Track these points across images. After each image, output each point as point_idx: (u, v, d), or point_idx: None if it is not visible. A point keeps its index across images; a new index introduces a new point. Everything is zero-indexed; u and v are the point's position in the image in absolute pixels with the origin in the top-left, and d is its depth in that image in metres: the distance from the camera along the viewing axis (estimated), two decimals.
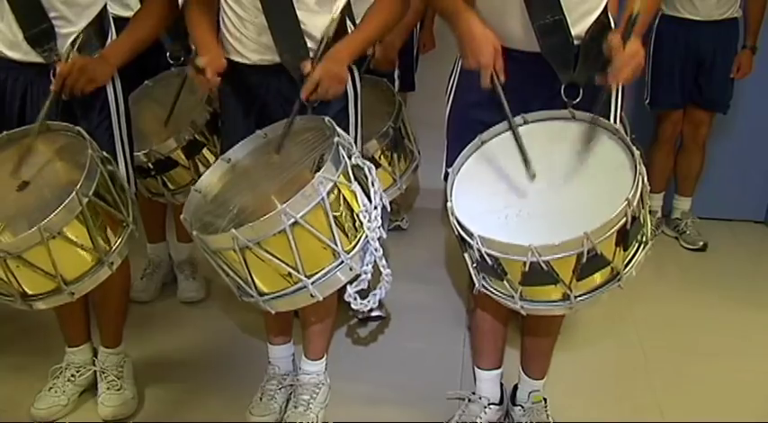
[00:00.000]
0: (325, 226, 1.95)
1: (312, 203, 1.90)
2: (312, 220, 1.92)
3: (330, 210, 1.93)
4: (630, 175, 1.89)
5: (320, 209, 1.92)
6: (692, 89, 3.81)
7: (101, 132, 2.35)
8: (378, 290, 2.08)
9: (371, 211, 2.03)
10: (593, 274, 1.89)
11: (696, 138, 3.94)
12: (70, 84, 2.22)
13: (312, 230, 1.92)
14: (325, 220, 1.94)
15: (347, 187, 2.00)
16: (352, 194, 2.01)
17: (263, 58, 2.24)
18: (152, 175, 2.84)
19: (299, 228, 1.90)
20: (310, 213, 1.91)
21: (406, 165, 2.89)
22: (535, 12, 2.03)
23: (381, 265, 2.05)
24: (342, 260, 1.99)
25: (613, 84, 1.95)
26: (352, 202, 2.01)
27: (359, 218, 2.02)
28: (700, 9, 3.67)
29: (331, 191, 1.94)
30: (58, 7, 2.26)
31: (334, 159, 1.96)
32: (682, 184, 4.11)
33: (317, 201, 1.91)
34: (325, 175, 1.92)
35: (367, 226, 2.01)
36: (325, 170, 1.92)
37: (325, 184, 1.92)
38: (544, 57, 2.06)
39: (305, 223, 1.90)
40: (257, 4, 2.19)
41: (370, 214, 2.02)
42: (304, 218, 1.90)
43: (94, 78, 2.27)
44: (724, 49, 3.75)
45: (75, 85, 2.23)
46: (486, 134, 2.08)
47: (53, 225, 1.98)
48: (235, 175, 2.19)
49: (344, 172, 1.99)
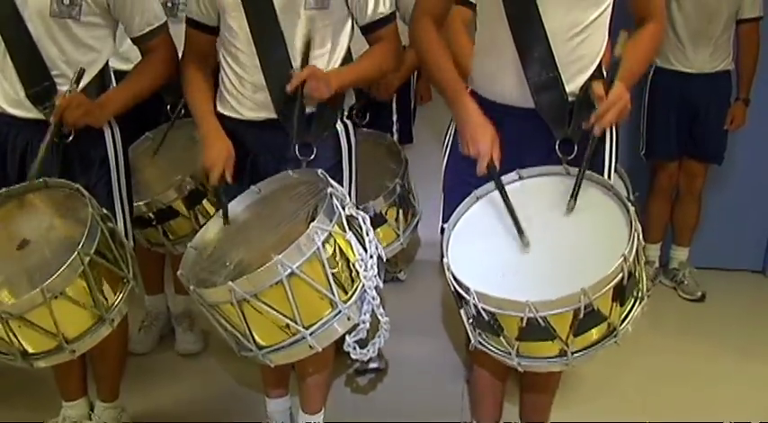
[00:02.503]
0: (321, 276, 1.96)
1: (308, 254, 1.91)
2: (309, 270, 1.93)
3: (326, 260, 1.94)
4: (626, 231, 1.90)
5: (316, 259, 1.93)
6: (687, 140, 3.86)
7: (100, 188, 2.38)
8: (376, 339, 2.08)
9: (367, 260, 2.04)
10: (590, 330, 1.89)
11: (692, 188, 3.97)
12: (67, 115, 2.25)
13: (309, 281, 1.93)
14: (321, 271, 1.95)
15: (342, 237, 2.01)
16: (348, 244, 2.02)
17: (258, 115, 2.28)
18: (153, 225, 2.85)
19: (296, 278, 1.91)
20: (306, 264, 1.92)
21: (409, 221, 2.90)
22: (530, 69, 2.07)
23: (379, 314, 2.05)
24: (339, 310, 1.99)
25: (598, 128, 1.98)
26: (347, 251, 2.02)
27: (355, 267, 2.02)
28: (693, 62, 3.73)
29: (326, 241, 1.95)
30: (59, 66, 2.31)
31: (328, 210, 1.97)
32: (679, 235, 4.12)
33: (312, 251, 1.92)
34: (319, 225, 1.93)
35: (364, 275, 2.02)
36: (320, 220, 1.94)
37: (320, 234, 1.93)
38: (539, 113, 2.09)
39: (302, 274, 1.91)
40: (256, 63, 2.24)
41: (367, 263, 2.03)
42: (300, 268, 1.90)
43: (90, 113, 2.30)
44: (717, 101, 3.80)
45: (72, 117, 2.25)
46: (481, 190, 2.09)
47: (55, 285, 1.98)
48: (230, 232, 2.21)
49: (339, 222, 2.00)
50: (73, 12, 2.26)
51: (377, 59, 2.34)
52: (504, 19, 2.06)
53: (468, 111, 2.10)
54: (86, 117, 2.28)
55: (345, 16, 2.30)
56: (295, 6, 2.21)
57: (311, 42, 2.21)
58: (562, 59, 2.06)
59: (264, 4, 2.21)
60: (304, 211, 2.09)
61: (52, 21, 2.26)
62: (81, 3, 2.26)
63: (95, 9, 2.30)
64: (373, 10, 2.29)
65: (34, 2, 2.24)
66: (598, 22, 2.08)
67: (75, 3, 2.26)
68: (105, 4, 2.31)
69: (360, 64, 2.34)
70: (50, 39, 2.28)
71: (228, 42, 2.30)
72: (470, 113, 2.10)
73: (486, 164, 2.05)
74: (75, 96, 2.26)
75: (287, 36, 2.23)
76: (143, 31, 2.40)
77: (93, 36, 2.34)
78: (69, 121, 2.26)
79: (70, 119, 2.25)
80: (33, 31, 2.26)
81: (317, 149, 2.27)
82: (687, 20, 3.69)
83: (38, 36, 2.27)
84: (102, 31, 2.36)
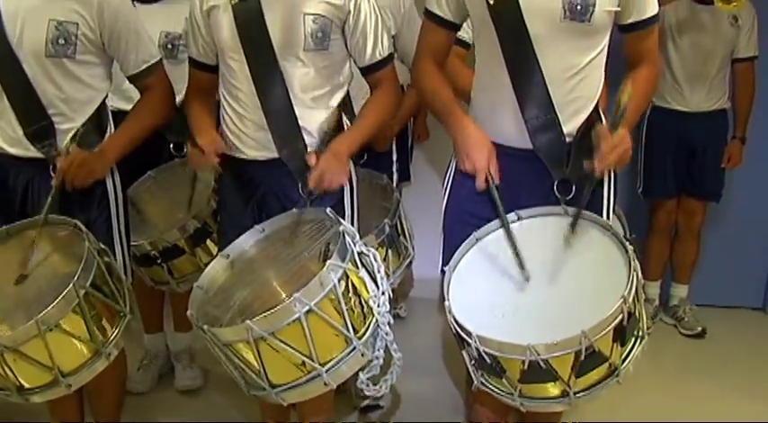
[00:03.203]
0: (336, 313, 1.97)
1: (325, 291, 1.93)
2: (325, 307, 1.94)
3: (341, 296, 1.96)
4: (625, 272, 1.91)
5: (332, 296, 1.95)
6: (685, 179, 3.88)
7: (99, 224, 2.39)
8: (389, 375, 2.09)
9: (380, 296, 2.05)
10: (592, 371, 1.89)
11: (690, 226, 3.98)
12: (70, 178, 2.27)
13: (326, 318, 1.94)
14: (337, 308, 1.97)
15: (355, 274, 2.03)
16: (361, 281, 2.04)
17: (261, 154, 2.30)
18: (158, 263, 2.84)
19: (313, 316, 1.93)
20: (323, 301, 1.93)
21: (400, 261, 2.90)
22: (527, 110, 2.09)
23: (393, 350, 2.07)
24: (354, 346, 2.00)
25: (599, 168, 2.01)
26: (360, 288, 2.04)
27: (368, 304, 2.04)
28: (689, 101, 3.77)
29: (341, 278, 1.97)
30: (57, 104, 2.32)
31: (342, 248, 2.00)
32: (678, 272, 4.12)
33: (329, 288, 1.94)
34: (335, 263, 1.95)
35: (377, 311, 2.04)
36: (335, 258, 1.96)
37: (336, 271, 1.95)
38: (537, 154, 2.11)
39: (319, 311, 1.92)
40: (257, 102, 2.26)
41: (379, 299, 2.05)
42: (318, 305, 1.92)
43: (93, 172, 2.32)
44: (714, 139, 3.83)
45: (75, 180, 2.28)
46: (480, 231, 2.10)
47: (50, 317, 1.99)
48: (235, 271, 2.22)
49: (352, 259, 2.02)
50: (68, 51, 2.29)
51: (379, 111, 2.37)
52: (502, 61, 2.09)
53: (465, 127, 2.13)
54: (90, 176, 2.31)
55: (344, 58, 2.33)
56: (294, 47, 2.24)
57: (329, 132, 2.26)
58: (559, 101, 2.08)
59: (264, 46, 2.24)
60: (313, 250, 2.11)
61: (48, 61, 2.28)
62: (76, 42, 2.28)
63: (90, 48, 2.32)
64: (372, 52, 2.32)
65: (29, 43, 2.26)
66: (594, 64, 2.11)
67: (70, 42, 2.28)
68: (100, 42, 2.34)
69: (364, 121, 2.36)
70: (47, 78, 2.30)
71: (228, 81, 2.32)
72: (467, 129, 2.13)
73: (483, 177, 2.08)
74: (75, 156, 2.28)
75: (287, 76, 2.25)
76: (139, 68, 2.42)
77: (89, 74, 2.36)
78: (74, 183, 2.29)
79: (74, 181, 2.28)
80: (29, 71, 2.28)
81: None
82: (683, 60, 3.74)
83: (34, 76, 2.29)
84: (97, 68, 2.39)
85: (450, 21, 2.19)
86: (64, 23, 2.27)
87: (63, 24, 2.26)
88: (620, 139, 2.02)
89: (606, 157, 2.00)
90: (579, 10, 2.02)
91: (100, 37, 2.32)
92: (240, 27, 2.24)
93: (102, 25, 2.31)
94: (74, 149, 2.29)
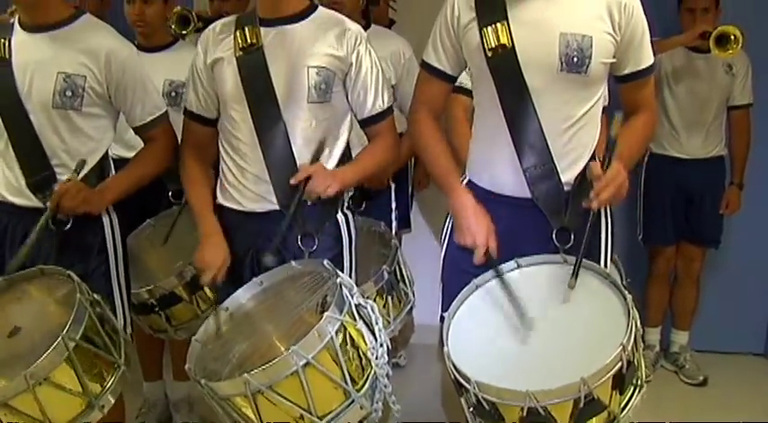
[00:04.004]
0: (335, 366, 1.96)
1: (322, 343, 1.93)
2: (323, 360, 1.93)
3: (339, 349, 1.96)
4: (624, 320, 1.91)
5: (330, 348, 1.95)
6: (683, 225, 3.91)
7: (98, 275, 2.39)
8: None
9: (378, 348, 2.05)
10: (591, 419, 1.87)
11: (690, 272, 3.99)
12: (64, 202, 2.26)
13: (324, 370, 1.94)
14: (334, 360, 1.96)
15: (353, 326, 2.02)
16: (359, 333, 2.03)
17: (260, 206, 2.31)
18: (155, 311, 2.84)
19: (311, 368, 1.92)
20: (321, 353, 1.93)
21: (401, 307, 2.90)
22: (526, 159, 2.11)
23: (391, 402, 2.06)
24: (353, 399, 1.99)
25: (594, 206, 2.01)
26: (358, 340, 2.03)
27: (365, 356, 2.03)
28: (687, 147, 3.81)
29: (339, 330, 1.96)
30: (60, 155, 2.34)
31: (339, 300, 1.99)
32: (678, 318, 4.12)
33: (326, 340, 1.93)
34: (332, 315, 1.95)
35: (375, 363, 2.03)
36: (332, 310, 1.95)
37: (333, 323, 1.95)
38: (535, 203, 2.13)
39: (316, 364, 1.92)
40: (259, 154, 2.28)
41: (377, 351, 2.04)
42: (315, 358, 1.91)
43: (89, 202, 2.31)
44: (712, 186, 3.87)
45: (69, 204, 2.27)
46: (480, 279, 2.11)
47: (40, 370, 1.95)
48: (234, 324, 2.22)
49: (349, 311, 2.02)
50: (75, 103, 2.31)
51: (377, 156, 2.39)
52: (500, 111, 2.11)
53: (463, 201, 2.15)
54: (84, 205, 2.30)
55: (345, 110, 2.35)
56: (298, 100, 2.25)
57: (324, 143, 2.26)
58: (557, 150, 2.11)
59: (268, 98, 2.25)
60: (311, 302, 2.10)
61: (54, 112, 2.30)
62: (83, 94, 2.31)
63: (97, 100, 2.35)
64: (372, 105, 2.33)
65: (37, 94, 2.29)
66: (591, 114, 2.14)
67: (76, 94, 2.31)
68: (107, 95, 2.36)
69: (361, 162, 2.38)
70: (52, 129, 2.32)
71: (230, 133, 2.33)
72: (465, 204, 2.14)
73: (482, 253, 2.09)
74: (74, 184, 2.28)
75: (289, 128, 2.26)
76: (144, 120, 2.44)
77: (93, 126, 2.38)
78: (67, 208, 2.27)
79: (67, 205, 2.27)
80: (36, 122, 2.31)
81: (319, 240, 2.29)
82: (680, 107, 3.79)
83: (40, 127, 2.31)
84: (102, 121, 2.41)
85: (448, 73, 2.22)
86: (72, 76, 2.30)
87: (71, 77, 2.30)
88: (614, 174, 2.02)
89: (601, 194, 2.01)
90: (576, 62, 2.05)
91: (107, 90, 2.35)
92: (245, 79, 2.27)
93: (110, 78, 2.34)
94: (73, 178, 2.30)
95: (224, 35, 2.32)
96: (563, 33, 2.05)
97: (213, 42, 2.34)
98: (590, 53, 2.05)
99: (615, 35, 2.08)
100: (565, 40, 2.05)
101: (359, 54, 2.29)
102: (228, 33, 2.31)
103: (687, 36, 3.58)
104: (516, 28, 2.08)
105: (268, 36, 2.27)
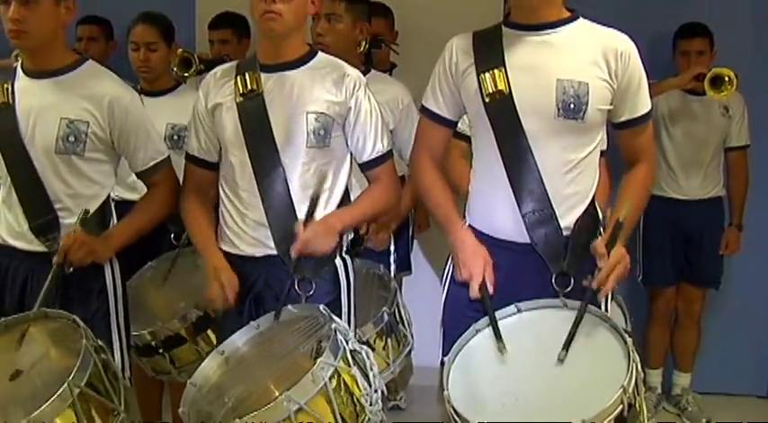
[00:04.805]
0: (327, 411, 1.95)
1: (316, 389, 1.92)
2: (315, 406, 1.92)
3: (333, 394, 1.94)
4: (624, 363, 1.90)
5: (323, 394, 1.93)
6: (683, 266, 3.91)
7: (98, 319, 2.38)
8: None
9: (372, 394, 2.04)
10: None
11: (691, 313, 3.98)
12: (71, 256, 2.27)
13: (317, 416, 1.92)
14: (327, 406, 1.95)
15: (347, 372, 2.01)
16: (353, 379, 2.02)
17: (258, 250, 2.31)
18: (159, 352, 2.82)
19: (304, 414, 1.90)
20: (313, 399, 1.91)
21: (400, 349, 2.89)
22: (525, 205, 2.12)
23: None
24: None
25: (601, 295, 2.05)
26: (352, 386, 2.02)
27: (359, 402, 2.02)
28: (685, 189, 3.83)
29: (332, 376, 1.95)
30: (63, 199, 2.36)
31: (333, 345, 1.99)
32: (680, 360, 4.09)
33: (319, 386, 1.92)
34: (325, 361, 1.94)
35: (369, 410, 2.01)
36: (326, 356, 1.95)
37: (326, 369, 1.94)
38: (534, 248, 2.13)
39: (309, 409, 1.90)
40: (258, 199, 2.29)
41: (371, 397, 2.03)
42: (307, 404, 1.90)
43: (94, 252, 2.32)
44: (711, 226, 3.88)
45: (76, 257, 2.28)
46: (480, 323, 2.10)
47: (44, 416, 1.93)
48: (230, 367, 2.20)
49: (344, 357, 2.01)
50: (77, 148, 2.33)
51: (376, 199, 2.40)
52: (499, 156, 2.13)
53: (462, 237, 2.17)
54: (91, 256, 2.31)
55: (345, 154, 2.37)
56: (297, 145, 2.27)
57: (319, 198, 2.27)
58: (556, 196, 2.12)
59: (267, 143, 2.27)
60: (306, 347, 2.10)
61: (57, 157, 2.33)
62: (86, 140, 2.33)
63: (99, 146, 2.37)
64: (372, 149, 2.35)
65: (41, 140, 2.32)
66: (589, 159, 2.15)
67: (80, 140, 2.33)
68: (109, 140, 2.38)
69: (360, 204, 2.39)
70: (55, 174, 2.34)
71: (229, 178, 2.35)
72: (464, 239, 2.17)
73: (477, 286, 2.10)
74: (78, 236, 2.29)
75: (288, 172, 2.28)
76: (146, 165, 2.46)
77: (96, 170, 2.40)
78: (74, 262, 2.29)
79: (74, 259, 2.28)
80: (39, 166, 2.33)
81: (317, 284, 2.29)
82: (677, 148, 3.82)
83: (43, 171, 2.33)
84: (105, 166, 2.43)
85: (447, 118, 2.25)
86: (75, 122, 2.32)
87: (74, 123, 2.32)
88: (618, 259, 2.06)
89: (606, 281, 2.04)
90: (573, 108, 2.07)
91: (109, 135, 2.37)
92: (245, 125, 2.29)
93: (113, 124, 2.36)
94: (78, 229, 2.31)
95: (225, 80, 2.35)
96: (560, 80, 2.08)
97: (214, 87, 2.37)
98: (587, 100, 2.07)
99: (612, 82, 2.10)
100: (561, 86, 2.07)
101: (357, 99, 2.31)
102: (229, 78, 2.34)
103: (682, 78, 3.63)
104: (513, 74, 2.11)
105: (268, 82, 2.30)
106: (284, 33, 2.26)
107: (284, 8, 2.21)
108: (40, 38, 2.31)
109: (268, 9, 2.20)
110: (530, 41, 2.13)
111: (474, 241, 2.16)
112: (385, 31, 3.75)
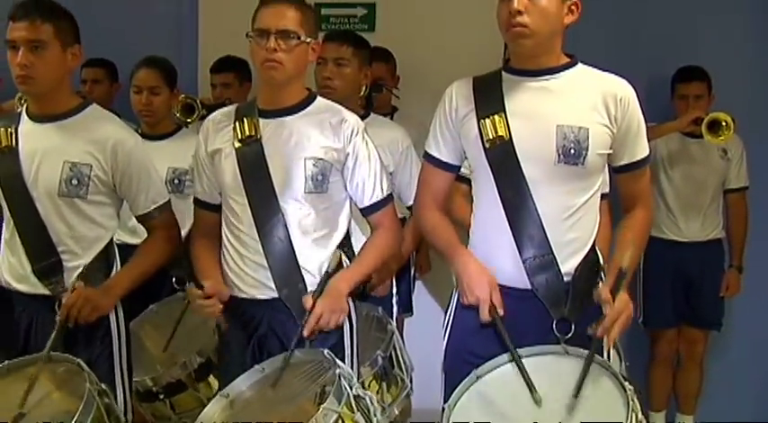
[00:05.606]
0: None
1: None
2: None
3: None
4: (624, 411, 1.89)
5: None
6: (684, 308, 3.91)
7: (101, 362, 2.38)
8: None
9: None
10: None
11: (693, 355, 3.97)
12: (74, 314, 2.28)
13: None
14: None
15: (351, 417, 1.99)
16: None
17: (261, 293, 2.32)
18: (160, 398, 2.81)
19: None
20: None
21: (397, 392, 2.87)
22: (525, 250, 2.13)
23: None
24: None
25: (607, 346, 2.06)
26: None
27: None
28: (685, 231, 3.85)
29: (336, 421, 1.94)
30: (66, 242, 2.37)
31: (337, 391, 1.98)
32: (683, 402, 4.07)
33: None
34: (329, 407, 1.93)
35: None
36: (330, 402, 1.94)
37: (330, 415, 1.92)
38: (535, 293, 2.14)
39: None
40: (258, 243, 2.30)
41: None
42: None
43: (98, 307, 2.33)
44: (711, 268, 3.89)
45: (80, 315, 2.28)
46: (481, 369, 2.09)
47: None
48: (234, 411, 2.19)
49: (347, 403, 2.00)
50: (80, 191, 2.35)
51: (380, 249, 2.40)
52: (499, 202, 2.15)
53: (466, 260, 2.19)
54: (94, 312, 2.32)
55: (344, 199, 2.37)
56: (295, 190, 2.28)
57: (332, 275, 2.29)
58: (556, 241, 2.13)
59: (265, 188, 2.28)
60: (311, 391, 2.09)
61: (60, 200, 2.34)
62: (89, 183, 2.35)
63: (102, 188, 2.38)
64: (372, 194, 2.36)
65: (44, 183, 2.34)
66: (589, 204, 2.16)
67: (83, 183, 2.35)
68: (111, 183, 2.40)
69: (365, 259, 2.39)
70: (58, 216, 2.35)
71: (230, 222, 2.35)
72: (467, 262, 2.18)
73: (487, 309, 2.10)
74: (80, 293, 2.30)
75: (288, 217, 2.29)
76: (148, 208, 2.47)
77: (99, 213, 2.41)
78: (78, 319, 2.29)
79: (78, 317, 2.29)
80: (42, 209, 2.34)
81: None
82: (677, 191, 3.85)
83: (46, 214, 2.35)
84: (107, 208, 2.44)
85: (449, 163, 2.27)
86: (78, 165, 2.34)
87: (77, 166, 2.34)
88: (622, 308, 2.06)
89: (611, 330, 2.04)
90: (573, 153, 2.09)
91: (112, 178, 2.39)
92: (243, 171, 2.30)
93: (115, 167, 2.38)
94: (79, 286, 2.31)
95: (223, 125, 2.37)
96: (560, 125, 2.10)
97: (213, 132, 2.39)
98: (587, 145, 2.09)
99: (611, 127, 2.12)
100: (562, 131, 2.10)
101: (356, 145, 2.32)
102: (228, 123, 2.36)
103: (680, 122, 3.66)
104: (513, 120, 2.13)
105: (267, 128, 2.32)
106: (285, 81, 2.28)
107: (285, 57, 2.23)
108: (46, 84, 2.34)
109: (269, 58, 2.22)
110: (529, 87, 2.16)
111: (477, 264, 2.17)
112: (386, 76, 3.78)
